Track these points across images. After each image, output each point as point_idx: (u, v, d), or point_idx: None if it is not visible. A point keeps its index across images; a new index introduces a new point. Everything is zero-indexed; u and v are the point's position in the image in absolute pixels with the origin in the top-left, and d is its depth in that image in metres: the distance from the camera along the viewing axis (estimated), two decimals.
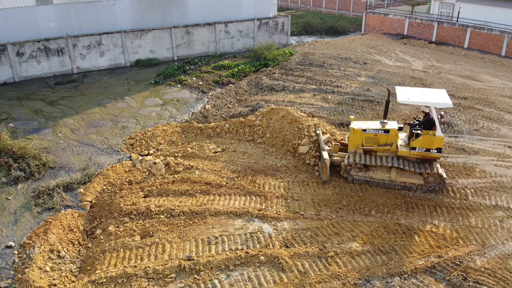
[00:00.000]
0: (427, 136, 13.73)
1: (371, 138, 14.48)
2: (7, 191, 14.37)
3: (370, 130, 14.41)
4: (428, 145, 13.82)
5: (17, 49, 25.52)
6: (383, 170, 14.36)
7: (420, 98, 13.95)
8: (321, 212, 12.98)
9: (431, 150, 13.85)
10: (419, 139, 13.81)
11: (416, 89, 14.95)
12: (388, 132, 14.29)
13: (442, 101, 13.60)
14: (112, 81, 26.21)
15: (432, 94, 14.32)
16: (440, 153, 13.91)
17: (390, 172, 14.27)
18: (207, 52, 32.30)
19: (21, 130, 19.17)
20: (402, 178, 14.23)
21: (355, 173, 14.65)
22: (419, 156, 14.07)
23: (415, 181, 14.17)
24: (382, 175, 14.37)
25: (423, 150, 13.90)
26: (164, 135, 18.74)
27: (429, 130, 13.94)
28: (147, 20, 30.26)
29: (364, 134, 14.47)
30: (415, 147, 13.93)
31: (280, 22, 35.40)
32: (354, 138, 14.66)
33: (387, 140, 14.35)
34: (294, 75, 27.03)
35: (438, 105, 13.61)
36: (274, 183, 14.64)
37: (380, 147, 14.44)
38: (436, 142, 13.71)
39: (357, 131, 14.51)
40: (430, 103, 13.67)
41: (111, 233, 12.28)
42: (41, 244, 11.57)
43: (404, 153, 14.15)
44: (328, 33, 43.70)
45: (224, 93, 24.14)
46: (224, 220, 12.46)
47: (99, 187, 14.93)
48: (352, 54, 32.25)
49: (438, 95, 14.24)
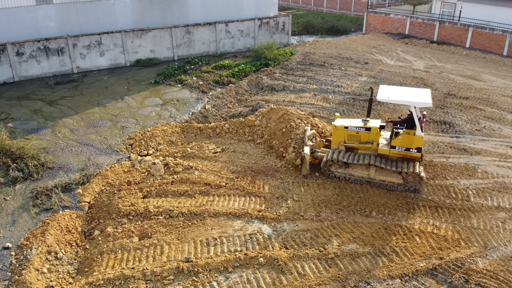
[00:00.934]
0: (407, 135, 13.71)
1: (353, 136, 14.57)
2: (5, 192, 14.27)
3: (352, 127, 14.50)
4: (408, 144, 13.79)
5: (17, 48, 25.44)
6: (362, 168, 14.40)
7: (400, 97, 13.93)
8: (322, 213, 12.84)
9: (410, 149, 13.82)
10: (399, 138, 13.81)
11: (399, 88, 14.95)
12: (369, 130, 14.34)
13: (422, 101, 13.55)
14: (112, 81, 26.12)
15: (414, 94, 14.24)
16: (419, 153, 13.85)
17: (369, 170, 14.29)
18: (208, 52, 32.19)
19: (20, 130, 19.08)
20: (380, 176, 14.24)
21: (335, 170, 14.80)
22: (399, 155, 14.05)
23: (394, 180, 14.14)
24: (361, 172, 14.43)
25: (403, 149, 13.88)
26: (164, 135, 18.63)
27: (410, 130, 13.88)
28: (147, 20, 30.15)
29: (346, 132, 14.58)
30: (395, 146, 13.95)
31: (281, 22, 35.27)
32: (336, 135, 14.79)
33: (369, 138, 14.41)
34: (295, 75, 26.91)
35: (417, 104, 13.57)
36: (274, 183, 14.52)
37: (361, 144, 14.51)
38: (416, 141, 13.66)
39: (339, 128, 14.64)
40: (409, 102, 13.65)
41: (109, 234, 12.17)
42: (39, 245, 11.47)
43: (384, 151, 14.17)
44: (329, 32, 43.57)
45: (225, 93, 24.02)
46: (223, 221, 12.34)
47: (98, 187, 14.82)
48: (353, 54, 32.10)
49: (420, 94, 14.18)
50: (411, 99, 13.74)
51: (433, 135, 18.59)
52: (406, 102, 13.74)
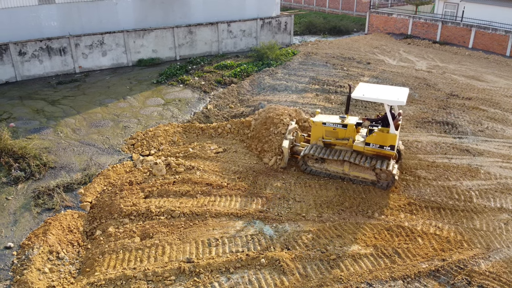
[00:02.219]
0: (381, 133, 13.84)
1: (330, 132, 14.84)
2: (7, 191, 14.28)
3: (329, 123, 14.78)
4: (381, 141, 13.92)
5: (19, 48, 25.47)
6: (337, 164, 14.68)
7: (374, 95, 14.02)
8: (323, 214, 12.81)
9: (384, 147, 13.94)
10: (373, 135, 13.97)
11: (377, 86, 15.07)
12: (346, 127, 14.57)
13: (395, 99, 13.64)
14: (114, 80, 26.12)
15: (389, 92, 14.33)
16: (393, 151, 13.92)
17: (344, 166, 14.53)
18: (210, 52, 32.18)
19: (22, 129, 19.10)
20: (355, 172, 14.49)
21: (312, 164, 15.13)
22: (373, 152, 14.21)
23: (367, 176, 14.35)
24: (336, 168, 14.71)
25: (377, 147, 14.04)
26: (166, 135, 18.62)
27: (385, 128, 13.96)
28: (149, 20, 30.15)
29: (324, 127, 14.86)
30: (369, 143, 14.12)
31: (283, 22, 35.24)
32: (315, 131, 15.10)
33: (345, 135, 14.66)
34: (297, 75, 26.87)
35: (390, 102, 13.67)
36: (276, 184, 14.48)
37: (338, 140, 14.77)
38: (390, 139, 13.77)
39: (318, 124, 14.92)
40: (383, 100, 13.75)
41: (111, 234, 12.16)
42: (40, 245, 11.47)
43: (359, 148, 14.40)
44: (332, 32, 43.51)
45: (226, 93, 24.00)
46: (225, 222, 12.31)
47: (100, 187, 14.81)
48: (356, 54, 32.04)
49: (396, 93, 14.26)
50: (385, 97, 13.81)
51: (436, 136, 18.53)
52: (380, 100, 13.83)
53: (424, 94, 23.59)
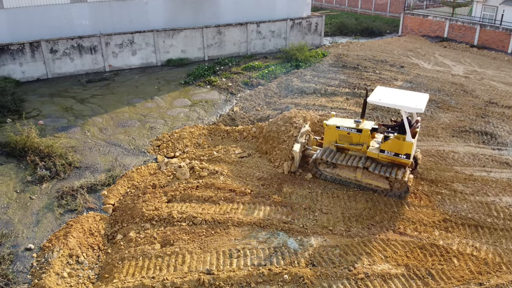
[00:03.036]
0: (397, 140, 13.22)
1: (344, 136, 14.33)
2: (31, 190, 14.31)
3: (343, 128, 14.27)
4: (397, 149, 13.30)
5: (51, 46, 25.83)
6: (349, 170, 14.19)
7: (391, 100, 13.37)
8: (352, 228, 12.14)
9: (399, 155, 13.30)
10: (388, 143, 13.39)
11: (395, 91, 14.40)
12: (360, 132, 14.01)
13: (413, 106, 12.96)
14: (143, 80, 26.13)
15: (407, 98, 13.63)
16: (409, 159, 13.25)
17: (356, 172, 14.02)
18: (238, 53, 31.82)
19: (50, 127, 19.24)
20: (367, 179, 13.97)
21: (323, 169, 14.75)
22: (388, 159, 13.62)
23: (380, 184, 13.82)
24: (348, 174, 14.25)
25: (392, 154, 13.44)
26: (191, 137, 18.35)
27: (401, 135, 13.29)
28: (179, 20, 30.06)
29: (338, 131, 14.37)
30: (384, 150, 13.53)
31: (314, 23, 34.49)
32: (328, 134, 14.64)
33: (360, 140, 14.10)
34: (327, 78, 26.14)
35: (407, 109, 13.00)
36: (302, 193, 13.91)
37: (352, 146, 14.25)
38: (405, 147, 13.13)
39: (331, 127, 14.44)
40: (400, 106, 13.09)
41: (132, 239, 11.92)
42: (60, 248, 11.34)
43: (373, 154, 13.81)
44: (363, 34, 42.38)
45: (253, 95, 23.56)
46: (248, 232, 11.84)
47: (123, 189, 14.65)
48: (389, 57, 30.97)
49: (414, 99, 13.54)
50: (402, 103, 13.13)
51: (473, 147, 17.48)
52: (397, 106, 13.16)
53: (461, 101, 22.43)
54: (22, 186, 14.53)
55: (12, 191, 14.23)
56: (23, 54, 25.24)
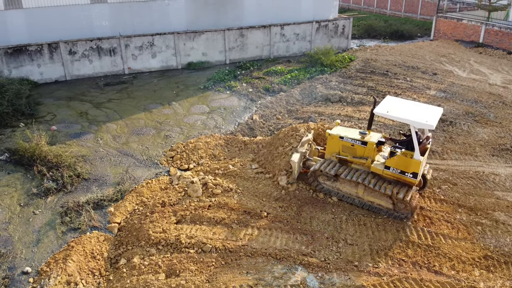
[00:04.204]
0: (403, 157, 12.08)
1: (348, 148, 13.29)
2: (35, 204, 13.52)
3: (347, 138, 13.21)
4: (403, 167, 12.15)
5: (70, 47, 25.29)
6: (351, 184, 13.16)
7: (400, 113, 12.12)
8: (380, 264, 10.75)
9: (406, 173, 12.15)
10: (394, 159, 12.25)
11: (406, 102, 13.10)
12: (365, 144, 12.91)
13: (423, 121, 11.67)
14: (162, 84, 25.28)
15: (418, 111, 12.28)
16: (415, 179, 12.06)
17: (358, 188, 12.98)
18: (260, 56, 30.62)
19: (63, 133, 18.55)
20: (369, 197, 12.93)
21: (323, 181, 13.84)
22: (393, 177, 12.48)
23: (383, 203, 12.74)
24: (349, 189, 13.26)
25: (398, 172, 12.28)
26: (207, 147, 17.29)
27: (410, 151, 12.09)
28: (201, 22, 29.10)
29: (341, 142, 13.35)
30: (389, 166, 12.40)
31: (341, 25, 32.96)
32: (331, 145, 13.66)
33: (364, 153, 13.01)
34: (353, 85, 24.63)
35: (417, 124, 11.74)
36: (324, 218, 12.58)
37: (355, 158, 13.19)
38: (413, 165, 11.97)
39: (334, 137, 13.44)
40: (409, 120, 11.82)
41: (135, 266, 10.90)
42: (58, 274, 10.43)
43: (377, 170, 12.69)
44: (393, 37, 40.42)
45: (274, 102, 22.32)
46: (262, 264, 10.62)
47: (131, 206, 13.69)
48: (420, 63, 29.14)
49: (425, 113, 12.16)
50: (411, 118, 11.85)
51: None
52: (405, 120, 11.91)
53: (500, 115, 20.57)
54: (26, 199, 13.78)
55: (16, 204, 13.48)
56: (41, 55, 24.79)
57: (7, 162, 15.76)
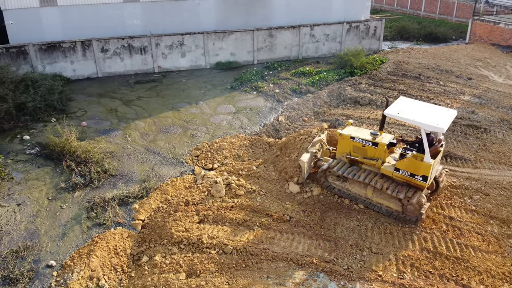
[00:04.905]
0: (414, 159, 11.97)
1: (359, 148, 13.30)
2: (63, 198, 13.82)
3: (358, 139, 13.21)
4: (413, 169, 12.05)
5: (102, 45, 25.82)
6: (360, 185, 13.09)
7: (410, 115, 12.05)
8: (406, 274, 10.38)
9: (416, 176, 12.03)
10: (404, 161, 12.17)
11: (419, 104, 13.04)
12: (376, 145, 12.88)
13: (434, 124, 11.52)
14: (190, 83, 25.45)
15: (430, 114, 12.11)
16: (425, 182, 11.95)
17: (367, 189, 12.90)
18: (289, 57, 30.38)
19: (93, 129, 18.94)
20: (378, 198, 12.83)
21: (332, 181, 13.83)
22: (403, 179, 12.37)
23: (392, 206, 12.62)
24: (358, 190, 13.19)
25: (407, 174, 12.19)
26: (231, 148, 17.25)
27: (421, 154, 11.97)
28: (230, 22, 29.13)
29: (352, 142, 13.36)
30: (399, 168, 12.32)
31: (372, 26, 32.30)
32: (342, 145, 13.71)
33: (375, 154, 12.98)
34: (384, 87, 24.05)
35: (427, 127, 11.62)
36: (349, 225, 12.28)
37: (366, 159, 13.16)
38: (423, 168, 11.85)
39: (345, 137, 13.46)
40: (418, 122, 11.74)
41: (156, 264, 10.96)
42: (81, 268, 10.59)
43: (387, 172, 12.63)
44: (426, 39, 39.27)
45: (301, 104, 22.06)
46: (283, 269, 10.46)
47: (155, 204, 13.79)
48: (454, 66, 28.19)
49: (437, 116, 11.99)
50: (421, 120, 11.73)
51: None
52: (415, 122, 11.85)
53: None
54: (54, 193, 14.11)
55: (44, 197, 13.83)
56: (75, 52, 25.41)
57: (38, 156, 16.21)
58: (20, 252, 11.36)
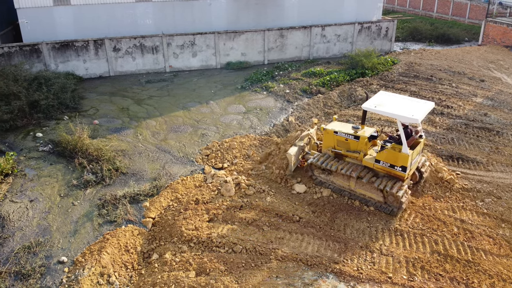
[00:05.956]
0: (392, 151, 12.43)
1: (342, 142, 13.83)
2: (75, 195, 13.98)
3: (341, 133, 13.73)
4: (392, 160, 12.53)
5: (114, 44, 26.04)
6: (343, 178, 13.59)
7: (386, 108, 12.57)
8: (416, 277, 10.31)
9: (395, 167, 12.49)
10: (384, 152, 12.64)
11: (398, 97, 13.52)
12: (358, 139, 13.39)
13: (409, 115, 11.99)
14: (201, 83, 25.55)
15: (406, 106, 12.59)
16: (405, 172, 12.38)
17: (350, 181, 13.37)
18: (299, 57, 30.34)
19: (104, 128, 19.12)
20: (361, 189, 13.30)
21: (318, 174, 14.34)
22: (383, 170, 12.86)
23: (373, 196, 13.07)
24: (342, 182, 13.68)
25: (387, 165, 12.67)
26: (241, 147, 17.29)
27: (399, 145, 12.39)
28: (241, 22, 29.21)
29: (336, 137, 13.88)
30: (379, 160, 12.80)
31: (384, 27, 32.11)
32: (326, 139, 14.23)
33: (357, 147, 13.51)
34: (395, 89, 23.90)
35: (402, 118, 12.14)
36: (358, 226, 12.23)
37: (349, 152, 13.69)
38: (401, 159, 12.32)
39: (329, 132, 13.97)
40: (394, 115, 12.28)
41: (166, 262, 11.03)
42: (92, 265, 10.70)
43: (368, 163, 13.17)
44: (439, 41, 38.95)
45: (311, 104, 22.02)
46: (292, 270, 10.46)
47: (166, 202, 13.88)
48: (467, 68, 27.90)
49: (413, 108, 12.48)
50: (396, 112, 12.26)
51: None
52: (391, 114, 12.42)
53: None
54: (66, 189, 14.28)
55: (56, 194, 14.00)
56: (87, 51, 25.68)
57: (50, 153, 16.42)
58: (32, 248, 11.52)
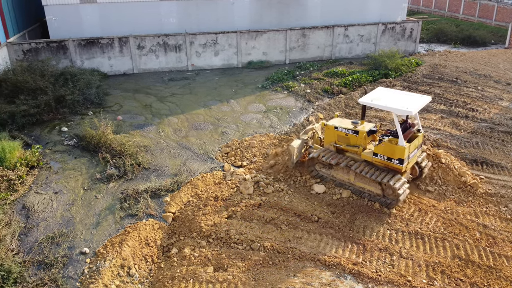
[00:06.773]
0: (389, 144, 12.82)
1: (342, 137, 14.26)
2: (98, 188, 14.30)
3: (341, 128, 14.16)
4: (389, 153, 12.91)
5: (138, 42, 26.46)
6: (343, 171, 13.99)
7: (382, 102, 12.99)
8: (436, 281, 10.15)
9: (392, 159, 12.87)
10: (381, 146, 13.03)
11: (396, 92, 13.93)
12: (357, 133, 13.80)
13: (404, 108, 12.44)
14: (222, 82, 25.73)
15: (401, 100, 13.04)
16: (401, 165, 12.72)
17: (349, 175, 13.74)
18: (321, 57, 30.19)
19: (128, 124, 19.46)
20: (360, 183, 13.64)
21: (319, 168, 14.71)
22: (381, 163, 13.24)
23: (372, 189, 13.40)
24: (342, 176, 14.04)
25: (385, 158, 13.05)
26: (260, 146, 17.35)
27: (396, 138, 12.77)
28: (264, 21, 29.25)
29: (336, 132, 14.29)
30: (377, 153, 13.20)
31: (409, 28, 31.65)
32: (328, 135, 14.64)
33: (357, 142, 13.91)
34: (419, 90, 23.55)
35: (397, 111, 12.57)
36: (378, 228, 12.12)
37: (349, 147, 14.10)
38: (397, 152, 12.70)
39: (330, 127, 14.41)
40: (390, 108, 12.70)
41: (186, 257, 11.18)
42: (113, 257, 10.94)
43: (367, 157, 13.58)
44: (464, 43, 38.14)
45: (332, 104, 21.89)
46: (309, 269, 10.45)
47: (186, 198, 14.06)
48: (493, 71, 27.27)
49: (408, 101, 12.93)
50: (391, 105, 12.69)
51: None
52: (386, 108, 12.84)
53: None
54: (90, 183, 14.61)
55: (80, 187, 14.35)
56: (112, 49, 26.17)
57: (75, 147, 16.83)
58: (55, 239, 11.85)
